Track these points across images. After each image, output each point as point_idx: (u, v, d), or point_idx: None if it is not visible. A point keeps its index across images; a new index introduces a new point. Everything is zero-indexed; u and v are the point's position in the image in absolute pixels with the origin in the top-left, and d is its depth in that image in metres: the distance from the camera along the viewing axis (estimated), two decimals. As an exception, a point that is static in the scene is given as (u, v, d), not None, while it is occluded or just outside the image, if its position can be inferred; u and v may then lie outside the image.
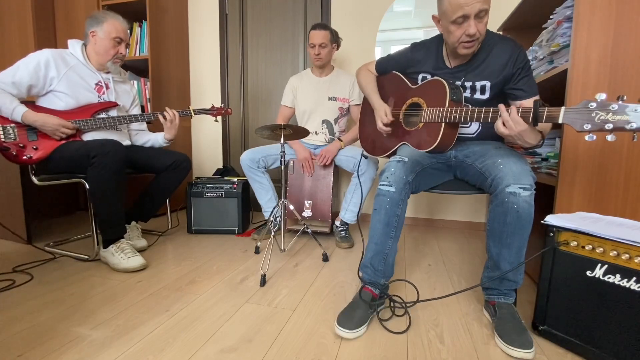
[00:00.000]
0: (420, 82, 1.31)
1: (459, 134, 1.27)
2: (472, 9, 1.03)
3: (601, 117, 0.83)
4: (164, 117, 1.73)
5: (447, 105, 1.15)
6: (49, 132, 1.50)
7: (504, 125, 0.98)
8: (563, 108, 0.89)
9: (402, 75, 1.37)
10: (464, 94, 1.23)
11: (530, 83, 1.17)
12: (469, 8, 1.03)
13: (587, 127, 0.85)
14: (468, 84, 1.22)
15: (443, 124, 1.17)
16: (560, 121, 0.89)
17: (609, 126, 0.83)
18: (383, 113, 1.32)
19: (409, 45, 1.34)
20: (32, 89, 1.52)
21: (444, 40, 1.25)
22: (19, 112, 1.44)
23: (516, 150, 1.15)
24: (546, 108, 0.91)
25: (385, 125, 1.33)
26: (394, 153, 1.33)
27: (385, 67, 1.43)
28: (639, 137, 0.81)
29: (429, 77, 1.29)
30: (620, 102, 0.81)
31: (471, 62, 1.21)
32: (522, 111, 0.95)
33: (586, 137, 0.87)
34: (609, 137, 0.84)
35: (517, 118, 0.95)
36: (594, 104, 0.84)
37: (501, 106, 0.99)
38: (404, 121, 1.34)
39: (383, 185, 1.13)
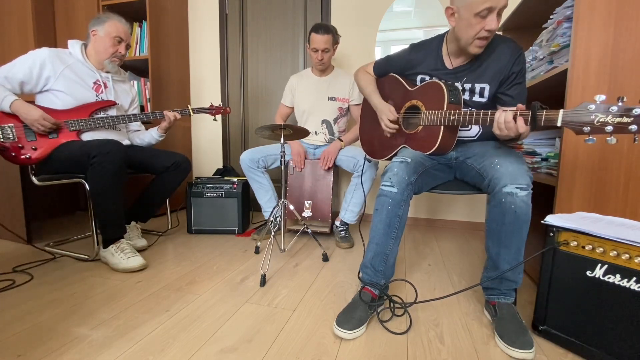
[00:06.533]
0: (418, 84, 1.30)
1: (460, 137, 1.27)
2: (499, 2, 1.02)
3: (600, 120, 0.82)
4: (169, 117, 1.76)
5: (445, 108, 1.15)
6: (28, 123, 1.48)
7: (499, 129, 0.98)
8: (562, 111, 0.88)
9: (400, 78, 1.36)
10: (463, 97, 1.23)
11: (520, 91, 1.16)
12: (497, 0, 1.02)
13: (587, 129, 0.84)
14: (467, 86, 1.22)
15: (442, 127, 1.16)
16: (559, 124, 0.88)
17: (609, 129, 0.81)
18: (388, 110, 1.31)
19: (408, 45, 1.34)
20: (25, 86, 1.52)
21: (443, 40, 1.24)
22: (8, 100, 1.45)
23: (514, 150, 1.15)
24: (544, 111, 0.90)
25: (392, 122, 1.31)
26: (395, 156, 1.33)
27: (384, 69, 1.42)
28: (639, 139, 0.79)
29: (427, 78, 1.28)
30: (620, 104, 0.80)
31: (472, 63, 1.20)
32: (520, 113, 0.94)
33: (585, 140, 0.85)
34: (609, 140, 0.82)
35: (511, 125, 0.95)
36: (592, 106, 0.83)
37: (497, 112, 0.99)
38: (403, 124, 1.34)
39: (385, 185, 1.13)
